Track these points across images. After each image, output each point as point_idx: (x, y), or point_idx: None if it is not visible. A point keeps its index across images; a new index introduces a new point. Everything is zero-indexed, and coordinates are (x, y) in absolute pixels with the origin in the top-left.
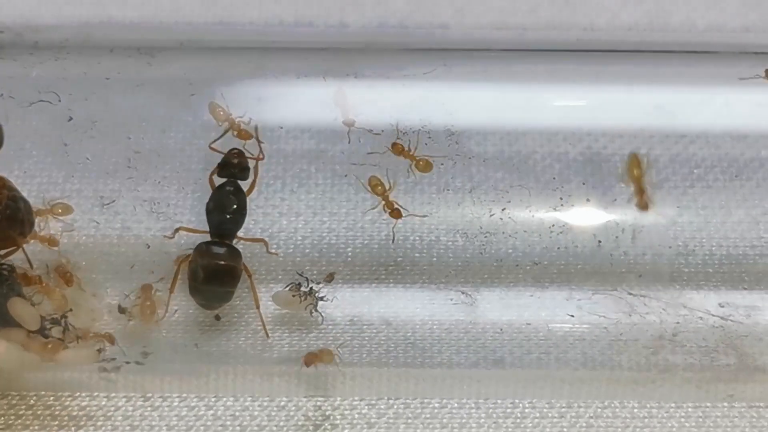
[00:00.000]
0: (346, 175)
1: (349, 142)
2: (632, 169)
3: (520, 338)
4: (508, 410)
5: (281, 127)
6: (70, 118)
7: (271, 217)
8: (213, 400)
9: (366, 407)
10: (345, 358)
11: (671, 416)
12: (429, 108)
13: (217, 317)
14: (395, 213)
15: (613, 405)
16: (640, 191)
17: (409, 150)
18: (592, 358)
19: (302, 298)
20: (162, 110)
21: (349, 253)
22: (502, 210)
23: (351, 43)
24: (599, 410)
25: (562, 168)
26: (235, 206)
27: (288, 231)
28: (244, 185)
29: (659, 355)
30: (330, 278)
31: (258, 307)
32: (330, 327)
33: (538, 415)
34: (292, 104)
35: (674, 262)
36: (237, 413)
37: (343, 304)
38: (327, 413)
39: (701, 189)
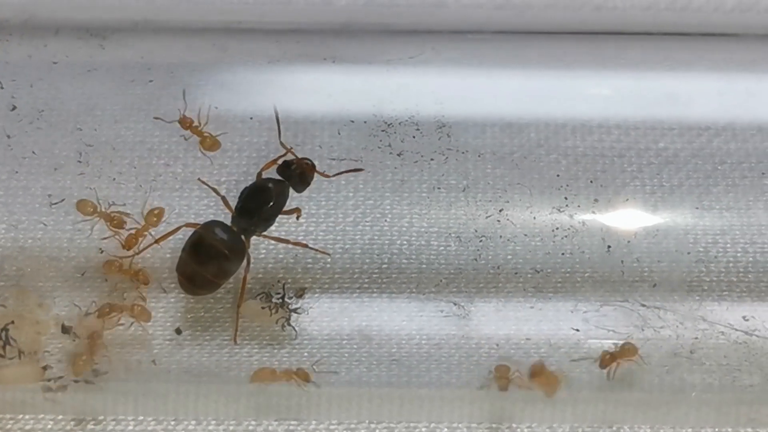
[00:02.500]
0: (323, 172)
1: None
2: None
3: (519, 355)
4: None
5: (251, 118)
6: (14, 107)
7: None
8: (173, 423)
9: (344, 431)
10: (321, 377)
11: None
12: (417, 97)
13: (178, 331)
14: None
15: (622, 430)
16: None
17: (197, 126)
18: (599, 376)
19: (273, 311)
20: (118, 98)
21: (328, 259)
22: (500, 211)
23: (328, 23)
24: None
25: (570, 164)
26: (272, 204)
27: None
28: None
29: (674, 374)
30: (300, 293)
31: (239, 306)
32: (305, 342)
33: None
34: (263, 92)
35: (693, 270)
36: None
37: (320, 316)
38: None
39: (725, 188)
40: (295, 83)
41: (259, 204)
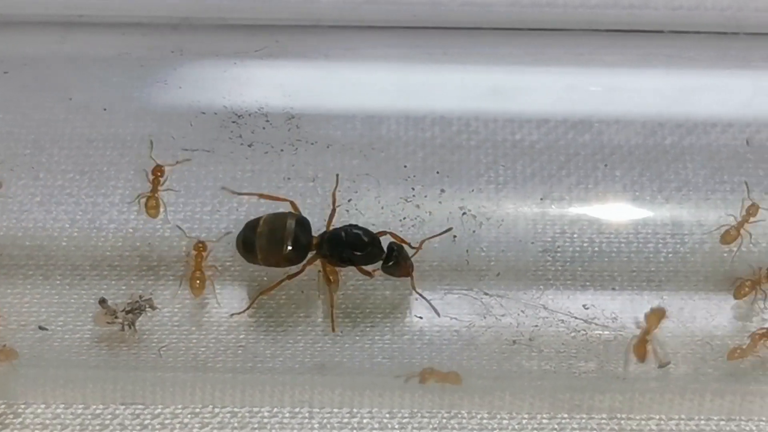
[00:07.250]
0: (177, 162)
1: None
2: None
3: (363, 342)
4: (345, 420)
5: (105, 109)
6: None
7: (101, 207)
8: (22, 407)
9: (189, 416)
10: (168, 362)
11: (523, 428)
12: (265, 89)
13: (42, 327)
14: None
15: (460, 415)
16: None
17: None
18: (439, 364)
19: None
20: None
21: (183, 248)
22: (348, 201)
23: (169, 17)
24: (445, 421)
25: (426, 155)
26: (357, 253)
27: (118, 222)
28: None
29: (513, 361)
30: (150, 305)
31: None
32: (155, 328)
33: (377, 425)
34: (113, 84)
35: (539, 259)
36: (47, 421)
37: (171, 302)
38: (146, 422)
39: (577, 179)
40: (144, 75)
41: (351, 244)
